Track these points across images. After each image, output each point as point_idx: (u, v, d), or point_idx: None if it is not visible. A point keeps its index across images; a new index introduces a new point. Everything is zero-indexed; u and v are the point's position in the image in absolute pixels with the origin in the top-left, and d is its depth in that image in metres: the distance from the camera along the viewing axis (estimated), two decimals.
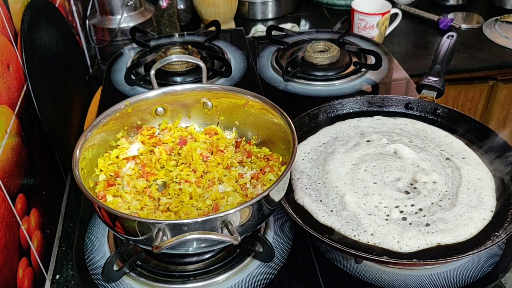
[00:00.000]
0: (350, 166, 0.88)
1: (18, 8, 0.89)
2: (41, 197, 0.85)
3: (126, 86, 1.21)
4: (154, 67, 0.92)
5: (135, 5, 1.47)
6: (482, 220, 0.78)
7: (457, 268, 0.77)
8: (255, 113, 0.87)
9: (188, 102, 0.91)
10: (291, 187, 0.87)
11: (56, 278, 0.83)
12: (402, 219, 0.78)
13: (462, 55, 1.51)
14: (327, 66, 1.25)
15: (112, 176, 0.81)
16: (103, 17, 1.47)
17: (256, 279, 0.77)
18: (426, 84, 1.04)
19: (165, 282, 0.76)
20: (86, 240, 0.84)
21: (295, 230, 0.84)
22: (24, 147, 0.81)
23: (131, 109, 0.86)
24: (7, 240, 0.69)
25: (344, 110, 1.05)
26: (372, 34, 1.49)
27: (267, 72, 1.29)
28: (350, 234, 0.77)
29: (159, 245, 0.61)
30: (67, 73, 1.13)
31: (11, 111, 0.78)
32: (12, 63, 0.82)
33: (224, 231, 0.64)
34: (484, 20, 1.70)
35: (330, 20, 1.75)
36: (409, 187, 0.84)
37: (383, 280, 0.76)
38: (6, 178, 0.71)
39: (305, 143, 0.97)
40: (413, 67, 1.44)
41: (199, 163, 0.83)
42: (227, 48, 1.36)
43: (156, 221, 0.63)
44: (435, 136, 0.97)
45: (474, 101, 1.57)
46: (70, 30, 1.21)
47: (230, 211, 0.64)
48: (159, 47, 1.34)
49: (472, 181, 0.85)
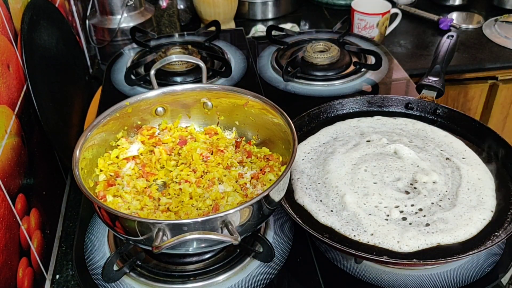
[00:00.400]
0: (350, 166, 0.88)
1: (18, 8, 0.89)
2: (41, 197, 0.85)
3: (126, 86, 1.21)
4: (154, 67, 0.92)
5: (135, 5, 1.47)
6: (482, 220, 0.78)
7: (457, 268, 0.77)
8: (255, 113, 0.87)
9: (188, 102, 0.91)
10: (291, 187, 0.87)
11: (56, 278, 0.83)
12: (402, 219, 0.79)
13: (462, 55, 1.51)
14: (327, 66, 1.25)
15: (112, 176, 0.81)
16: (103, 17, 1.47)
17: (256, 279, 0.77)
18: (426, 84, 1.04)
19: (165, 282, 0.76)
20: (86, 240, 0.84)
21: (295, 230, 0.84)
22: (24, 147, 0.81)
23: (131, 109, 0.86)
24: (7, 240, 0.69)
25: (344, 110, 1.05)
26: (372, 34, 1.49)
27: (267, 72, 1.29)
28: (350, 234, 0.77)
29: (159, 245, 0.61)
30: (67, 73, 1.13)
31: (11, 111, 0.78)
32: (12, 63, 0.82)
33: (224, 231, 0.64)
34: (484, 20, 1.70)
35: (330, 20, 1.75)
36: (409, 187, 0.84)
37: (383, 280, 0.76)
38: (6, 178, 0.71)
39: (305, 143, 0.97)
40: (413, 67, 1.44)
41: (199, 163, 0.83)
42: (227, 48, 1.36)
43: (156, 221, 0.63)
44: (435, 136, 0.97)
45: (474, 101, 1.57)
46: (70, 30, 1.21)
47: (230, 211, 0.64)
48: (159, 47, 1.34)
49: (472, 181, 0.85)
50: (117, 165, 0.84)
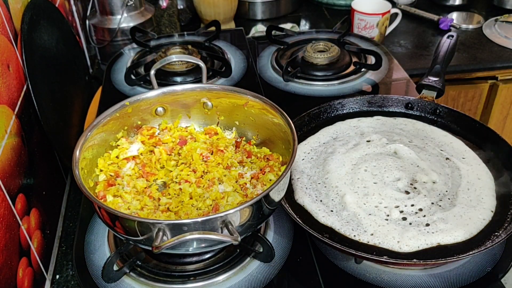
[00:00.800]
0: (350, 166, 0.88)
1: (18, 8, 0.89)
2: (41, 197, 0.85)
3: (126, 86, 1.21)
4: (154, 67, 0.92)
5: (135, 5, 1.47)
6: (482, 220, 0.78)
7: (457, 268, 0.77)
8: (255, 113, 0.87)
9: (188, 102, 0.91)
10: (291, 187, 0.87)
11: (56, 278, 0.83)
12: (402, 219, 0.79)
13: (462, 55, 1.51)
14: (327, 66, 1.25)
15: (112, 176, 0.81)
16: (103, 17, 1.47)
17: (256, 279, 0.77)
18: (426, 84, 1.04)
19: (165, 282, 0.76)
20: (86, 240, 0.84)
21: (295, 230, 0.84)
22: (24, 147, 0.81)
23: (131, 109, 0.86)
24: (7, 240, 0.69)
25: (344, 110, 1.05)
26: (372, 34, 1.49)
27: (267, 72, 1.29)
28: (350, 234, 0.77)
29: (159, 245, 0.61)
30: (67, 73, 1.13)
31: (11, 111, 0.78)
32: (12, 63, 0.82)
33: (224, 231, 0.64)
34: (484, 20, 1.70)
35: (330, 20, 1.75)
36: (409, 187, 0.84)
37: (383, 280, 0.76)
38: (6, 178, 0.71)
39: (305, 143, 0.97)
40: (413, 67, 1.44)
41: (199, 163, 0.83)
42: (227, 48, 1.36)
43: (156, 221, 0.63)
44: (435, 136, 0.97)
45: (474, 101, 1.57)
46: (70, 30, 1.21)
47: (230, 211, 0.64)
48: (159, 47, 1.34)
49: (472, 181, 0.85)
50: (117, 165, 0.84)
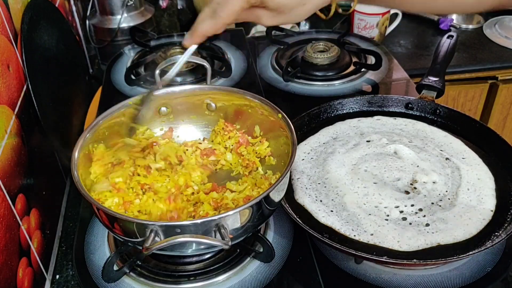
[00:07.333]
0: (350, 166, 0.88)
1: (18, 8, 0.89)
2: (41, 197, 0.85)
3: (126, 86, 1.21)
4: (159, 67, 0.88)
5: (135, 5, 1.47)
6: (482, 220, 0.78)
7: (457, 268, 0.77)
8: (255, 114, 0.87)
9: (190, 103, 0.90)
10: (291, 187, 0.87)
11: (56, 278, 0.83)
12: (402, 219, 0.78)
13: (462, 55, 1.51)
14: (327, 66, 1.25)
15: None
16: (103, 17, 1.47)
17: (256, 279, 0.77)
18: (426, 84, 1.04)
19: (165, 282, 0.76)
20: (86, 240, 0.84)
21: (295, 230, 0.84)
22: (24, 147, 0.81)
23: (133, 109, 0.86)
24: (7, 240, 0.69)
25: (344, 110, 1.05)
26: (372, 34, 1.49)
27: (267, 72, 1.29)
28: (350, 234, 0.77)
29: (149, 246, 0.60)
30: (67, 73, 1.13)
31: (11, 111, 0.78)
32: (12, 63, 0.82)
33: (217, 236, 0.63)
34: (484, 20, 1.69)
35: (330, 20, 1.74)
36: (409, 187, 0.84)
37: (383, 280, 0.76)
38: (6, 178, 0.71)
39: (305, 143, 0.97)
40: (413, 67, 1.43)
41: (195, 171, 0.83)
42: (227, 48, 1.36)
43: (148, 222, 0.63)
44: (435, 136, 0.97)
45: (474, 101, 1.57)
46: (70, 30, 1.21)
47: (229, 212, 0.64)
48: (159, 47, 1.34)
49: (472, 181, 0.85)
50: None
